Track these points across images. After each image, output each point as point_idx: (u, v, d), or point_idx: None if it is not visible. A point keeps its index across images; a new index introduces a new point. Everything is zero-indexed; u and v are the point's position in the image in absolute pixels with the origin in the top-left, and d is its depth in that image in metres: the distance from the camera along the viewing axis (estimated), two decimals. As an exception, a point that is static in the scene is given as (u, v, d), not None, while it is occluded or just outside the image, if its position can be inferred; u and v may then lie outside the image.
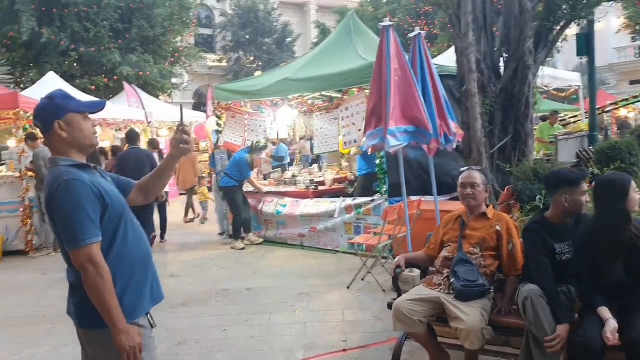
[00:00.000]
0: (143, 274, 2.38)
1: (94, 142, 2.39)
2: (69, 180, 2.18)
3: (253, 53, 31.75)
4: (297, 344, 4.56)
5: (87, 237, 2.14)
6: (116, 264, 2.24)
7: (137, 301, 2.32)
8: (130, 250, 2.32)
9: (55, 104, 2.31)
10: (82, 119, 2.33)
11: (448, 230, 3.92)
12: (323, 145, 9.30)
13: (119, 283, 2.24)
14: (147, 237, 2.50)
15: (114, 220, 2.27)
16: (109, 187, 2.33)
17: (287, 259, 7.92)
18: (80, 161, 2.32)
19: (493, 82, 7.38)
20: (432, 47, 21.79)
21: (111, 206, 2.26)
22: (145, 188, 2.59)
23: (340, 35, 9.20)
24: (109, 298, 2.15)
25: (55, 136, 2.30)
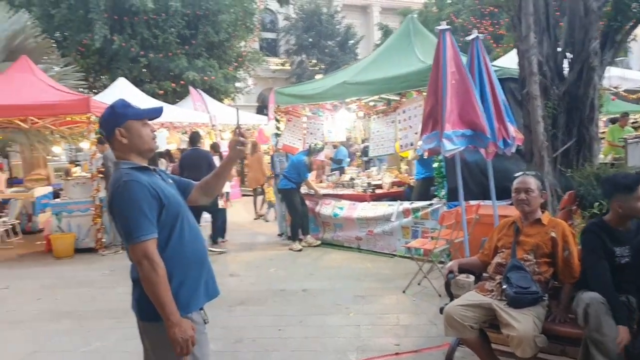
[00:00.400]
0: (198, 271, 2.49)
1: (152, 147, 2.54)
2: (128, 182, 2.33)
3: (315, 56, 32.04)
4: (350, 346, 4.61)
5: (143, 233, 2.28)
6: (172, 260, 2.37)
7: (191, 296, 2.43)
8: (186, 247, 2.44)
9: (115, 112, 2.49)
10: (140, 126, 2.49)
11: (502, 236, 3.88)
12: (378, 148, 9.29)
13: (175, 278, 2.37)
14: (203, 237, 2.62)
15: (170, 219, 2.40)
16: (166, 188, 2.46)
17: (344, 261, 7.98)
18: (140, 164, 2.47)
19: (556, 84, 7.18)
20: (498, 47, 21.33)
21: (168, 206, 2.39)
22: (206, 188, 2.73)
23: (400, 37, 9.18)
24: (163, 292, 2.27)
25: (117, 142, 2.48)
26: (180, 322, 2.30)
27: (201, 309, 2.52)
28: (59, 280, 7.65)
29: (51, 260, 8.99)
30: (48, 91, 9.61)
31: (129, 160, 2.47)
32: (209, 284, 2.56)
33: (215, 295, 2.61)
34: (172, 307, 2.29)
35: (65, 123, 10.60)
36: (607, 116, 12.93)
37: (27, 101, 9.10)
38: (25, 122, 9.91)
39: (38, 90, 9.52)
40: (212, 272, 2.61)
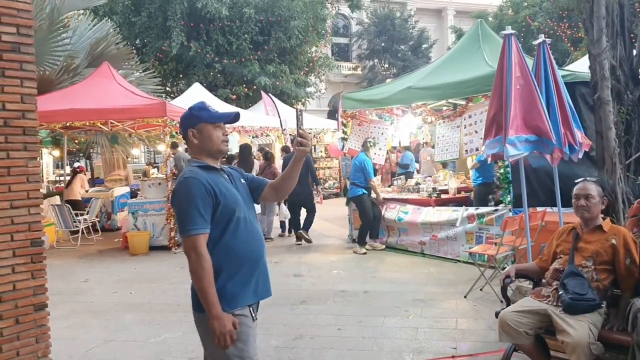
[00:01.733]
0: (250, 269, 2.58)
1: (222, 149, 2.66)
2: (187, 178, 2.50)
3: (388, 60, 32.01)
4: (406, 348, 4.67)
5: (194, 227, 2.42)
6: (223, 255, 2.50)
7: (238, 292, 2.53)
8: (239, 245, 2.54)
9: (191, 114, 2.66)
10: (212, 128, 2.62)
11: (561, 242, 3.85)
12: (443, 153, 9.26)
13: (224, 273, 2.50)
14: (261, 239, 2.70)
15: (225, 216, 2.51)
16: (227, 187, 2.58)
17: (406, 265, 8.02)
18: (207, 163, 2.62)
19: (630, 89, 6.93)
20: (576, 51, 20.59)
21: (224, 204, 2.51)
22: (277, 187, 2.83)
23: (468, 41, 9.10)
24: (206, 285, 2.39)
25: (190, 142, 2.67)
26: (220, 315, 2.39)
27: (250, 306, 2.58)
28: (134, 275, 8.13)
29: (127, 257, 9.54)
30: (127, 96, 10.21)
31: (199, 160, 2.63)
32: (260, 284, 2.64)
33: (265, 296, 2.68)
34: (214, 300, 2.40)
35: (143, 127, 11.21)
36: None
37: (108, 105, 9.71)
38: (106, 125, 10.56)
39: (118, 95, 10.14)
40: (265, 274, 2.69)
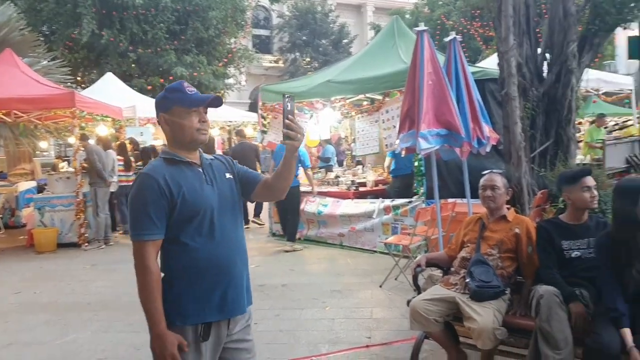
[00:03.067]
0: (211, 281, 2.23)
1: (196, 138, 2.28)
2: (141, 174, 2.22)
3: (309, 54, 32.11)
4: (323, 339, 4.71)
5: (141, 232, 2.15)
6: (178, 263, 2.21)
7: (196, 307, 2.21)
8: (200, 252, 2.21)
9: (164, 97, 2.30)
10: (186, 113, 2.24)
11: (468, 232, 4.00)
12: (364, 147, 9.41)
13: (179, 284, 2.20)
14: (235, 247, 2.34)
15: (183, 218, 2.19)
16: (191, 185, 2.23)
17: (325, 257, 8.10)
18: (175, 155, 2.28)
19: (535, 85, 7.29)
20: (487, 49, 21.49)
21: (182, 205, 2.18)
22: (270, 185, 2.46)
23: (384, 38, 9.28)
24: (147, 299, 2.12)
25: (162, 128, 2.32)
26: (162, 334, 2.12)
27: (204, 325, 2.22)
28: (40, 273, 7.72)
29: (33, 255, 9.06)
30: (32, 85, 9.61)
31: (170, 151, 2.30)
32: (230, 299, 2.27)
33: (234, 314, 2.31)
34: (157, 317, 2.12)
35: (50, 118, 10.63)
36: (587, 117, 13.12)
37: (11, 94, 9.08)
38: (9, 115, 9.92)
39: (22, 84, 9.52)
40: (239, 287, 2.33)
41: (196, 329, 2.22)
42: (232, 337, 2.34)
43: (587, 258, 3.39)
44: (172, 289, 2.19)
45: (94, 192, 9.40)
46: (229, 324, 2.32)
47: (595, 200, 3.47)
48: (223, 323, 2.30)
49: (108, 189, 9.61)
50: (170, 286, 2.19)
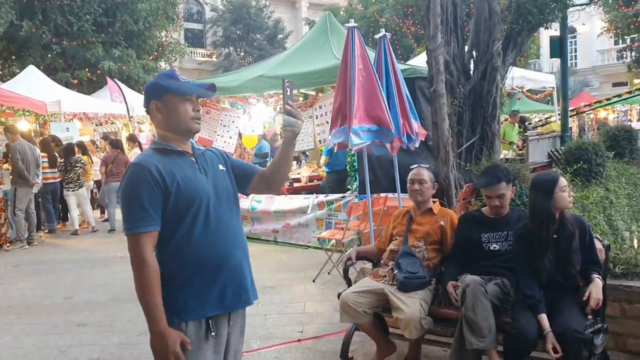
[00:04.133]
0: (211, 275, 2.16)
1: (190, 127, 2.22)
2: (133, 164, 2.14)
3: (244, 49, 31.84)
4: (254, 335, 4.68)
5: (136, 224, 2.05)
6: (176, 257, 2.12)
7: (194, 303, 2.13)
8: (197, 245, 2.14)
9: (156, 84, 2.23)
10: (180, 102, 2.19)
11: (397, 225, 4.08)
12: (299, 143, 9.41)
13: (176, 279, 2.11)
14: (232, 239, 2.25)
15: (179, 211, 2.12)
16: (186, 175, 2.16)
17: (259, 254, 8.03)
18: (167, 144, 2.21)
19: (462, 83, 7.53)
20: (419, 47, 21.98)
21: (176, 195, 2.11)
22: (266, 177, 2.41)
23: (317, 34, 9.32)
24: (147, 295, 2.03)
25: (153, 117, 2.24)
26: (163, 332, 2.02)
27: (210, 319, 2.16)
28: (-43, 275, 7.28)
29: (-52, 256, 8.53)
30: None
31: (163, 141, 2.22)
32: (229, 293, 2.20)
33: (237, 307, 2.26)
34: (156, 313, 2.02)
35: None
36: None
37: None
38: None
39: None
40: (239, 280, 2.25)
41: (199, 325, 2.14)
42: (230, 335, 2.26)
43: (505, 250, 3.53)
44: (168, 285, 2.08)
45: (14, 191, 8.95)
46: (229, 320, 2.25)
47: (497, 208, 3.60)
48: (223, 318, 2.23)
49: (30, 189, 9.15)
50: (166, 283, 2.08)
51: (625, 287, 3.63)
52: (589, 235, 3.32)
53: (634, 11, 19.60)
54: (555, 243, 3.27)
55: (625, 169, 10.33)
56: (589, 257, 3.28)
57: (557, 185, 3.23)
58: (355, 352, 4.14)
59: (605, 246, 3.43)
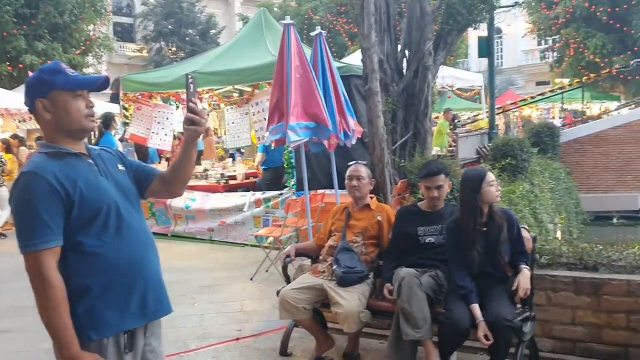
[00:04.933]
0: (129, 283, 1.99)
1: (84, 126, 2.01)
2: (25, 173, 1.90)
3: (175, 44, 31.16)
4: (192, 335, 4.62)
5: (32, 241, 1.84)
6: (86, 269, 1.93)
7: (113, 315, 1.95)
8: (110, 253, 1.97)
9: (40, 79, 1.98)
10: (70, 98, 1.96)
11: (335, 221, 4.12)
12: (235, 140, 9.36)
13: (89, 293, 1.92)
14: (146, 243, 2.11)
15: (85, 218, 1.93)
16: (88, 179, 1.97)
17: (194, 253, 7.93)
18: (60, 147, 1.98)
19: (395, 81, 7.69)
20: (353, 45, 22.23)
21: (80, 204, 1.91)
22: (167, 180, 2.22)
23: (252, 30, 9.27)
24: (55, 318, 1.84)
25: (40, 118, 1.99)
26: (76, 357, 1.84)
27: (126, 333, 1.99)
28: None
29: None
30: None
31: (51, 143, 1.98)
32: (150, 300, 2.04)
33: (159, 315, 2.10)
34: (67, 337, 1.83)
35: None
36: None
37: None
38: None
39: None
40: (158, 286, 2.09)
41: (117, 340, 1.96)
42: (147, 346, 2.10)
43: (440, 243, 3.65)
44: (82, 300, 1.90)
45: None
46: (145, 330, 2.08)
47: (435, 200, 3.73)
48: (140, 330, 2.05)
49: None
50: (79, 298, 1.89)
51: (551, 277, 3.82)
52: (516, 227, 3.48)
53: (555, 13, 20.61)
54: (485, 235, 3.41)
55: (548, 164, 10.92)
56: (517, 248, 3.44)
57: (484, 180, 3.37)
58: (294, 349, 4.16)
59: (532, 237, 3.60)
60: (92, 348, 1.91)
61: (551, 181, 10.36)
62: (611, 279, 3.64)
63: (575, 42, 20.23)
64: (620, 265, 3.75)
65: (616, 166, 12.17)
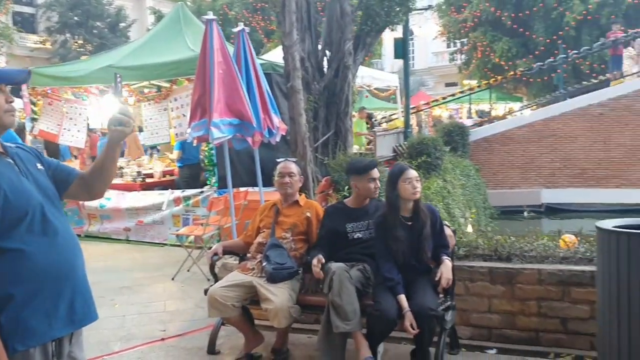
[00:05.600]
0: (56, 289, 1.90)
1: (4, 121, 1.92)
2: None
3: (82, 36, 29.74)
4: (114, 337, 4.47)
5: None
6: (10, 276, 1.82)
7: (40, 323, 1.85)
8: (37, 258, 1.87)
9: None
10: None
11: (264, 218, 4.13)
12: (153, 137, 9.11)
13: (13, 301, 1.81)
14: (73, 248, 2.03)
15: (9, 223, 1.83)
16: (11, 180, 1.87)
17: (111, 253, 7.65)
18: None
19: (317, 80, 7.81)
20: (269, 42, 22.19)
21: (4, 208, 1.82)
22: (88, 182, 2.12)
23: (170, 24, 9.05)
24: None
25: None
26: None
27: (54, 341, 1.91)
28: None
29: None
30: None
31: None
32: (78, 306, 1.96)
33: (87, 321, 2.03)
34: None
35: None
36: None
37: None
38: None
39: None
40: (86, 291, 2.02)
41: (44, 350, 1.87)
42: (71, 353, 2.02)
43: (367, 238, 3.76)
44: (6, 308, 1.79)
45: None
46: (71, 338, 2.00)
47: (377, 191, 3.85)
48: (67, 337, 1.97)
49: None
50: (1, 307, 1.79)
51: (468, 267, 4.04)
52: (439, 222, 3.65)
53: (464, 17, 21.57)
54: (410, 229, 3.55)
55: (459, 162, 11.46)
56: (440, 241, 3.61)
57: (400, 177, 3.51)
58: (222, 346, 4.13)
59: (453, 231, 3.79)
60: (17, 359, 1.82)
61: (462, 178, 10.86)
62: (523, 269, 3.89)
63: (482, 46, 21.27)
64: (531, 256, 4.02)
65: (521, 164, 12.94)
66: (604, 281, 3.18)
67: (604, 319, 3.23)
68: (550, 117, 12.92)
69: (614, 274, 3.08)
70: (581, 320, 3.76)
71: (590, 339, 3.70)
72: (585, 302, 3.73)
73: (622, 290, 3.04)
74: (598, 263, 3.31)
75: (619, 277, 3.05)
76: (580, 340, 3.77)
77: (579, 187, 12.54)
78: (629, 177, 12.26)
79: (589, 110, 12.57)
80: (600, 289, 3.26)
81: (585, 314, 3.74)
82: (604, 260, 3.19)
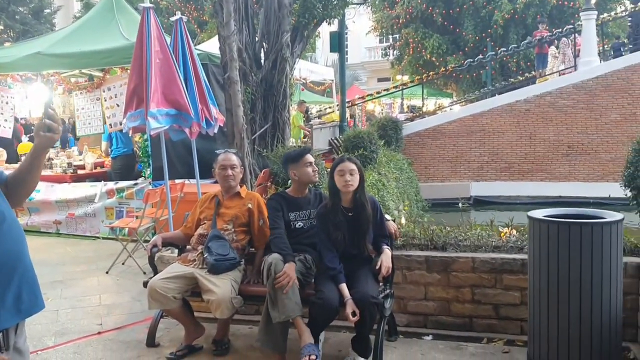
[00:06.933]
0: (4, 279, 1.88)
1: None
2: None
3: (4, 22, 28.19)
4: (48, 332, 4.34)
5: None
6: None
7: None
8: None
9: None
10: None
11: (204, 209, 4.11)
12: (86, 127, 8.82)
13: None
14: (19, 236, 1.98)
15: None
16: None
17: (40, 247, 7.35)
18: None
19: (254, 71, 7.80)
20: (202, 33, 21.81)
21: None
22: (8, 188, 2.02)
23: (102, 12, 8.77)
24: None
25: None
26: None
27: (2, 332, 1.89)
28: None
29: None
30: None
31: None
32: (25, 296, 1.94)
33: (34, 310, 2.00)
34: None
35: None
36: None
37: None
38: None
39: None
40: (31, 281, 1.99)
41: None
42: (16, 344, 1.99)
43: (309, 227, 3.82)
44: None
45: None
46: (16, 328, 1.97)
47: (316, 174, 3.92)
48: (12, 328, 1.94)
49: None
50: None
51: (406, 257, 4.17)
52: (379, 213, 3.76)
53: (397, 13, 21.99)
54: (351, 220, 3.64)
55: (393, 156, 11.71)
56: (380, 231, 3.72)
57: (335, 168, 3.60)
58: (161, 339, 4.10)
59: (392, 221, 3.92)
60: None
61: (396, 171, 11.11)
62: (458, 257, 4.07)
63: (414, 42, 21.77)
64: (465, 245, 4.20)
65: (451, 157, 13.38)
66: (535, 268, 3.38)
67: (534, 305, 3.41)
68: (479, 113, 13.39)
69: (544, 261, 3.28)
70: (512, 306, 3.96)
71: (521, 324, 3.92)
72: (516, 289, 3.94)
73: (552, 276, 3.24)
74: (529, 251, 3.49)
75: (549, 264, 3.25)
76: (512, 326, 3.98)
77: (506, 180, 13.11)
78: (552, 171, 12.93)
79: (515, 106, 13.12)
80: (531, 275, 3.45)
81: (517, 300, 3.94)
82: (534, 248, 3.38)
